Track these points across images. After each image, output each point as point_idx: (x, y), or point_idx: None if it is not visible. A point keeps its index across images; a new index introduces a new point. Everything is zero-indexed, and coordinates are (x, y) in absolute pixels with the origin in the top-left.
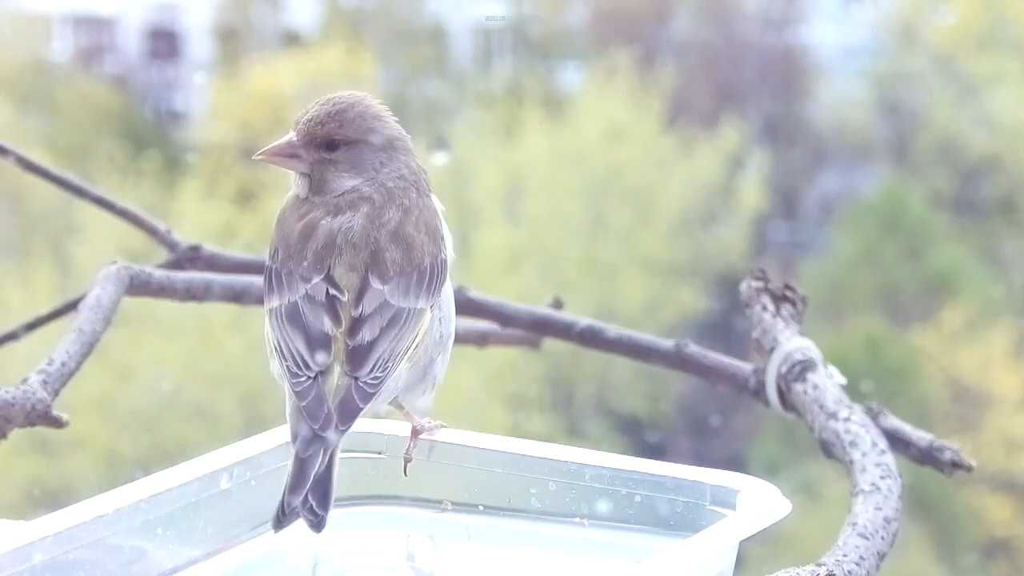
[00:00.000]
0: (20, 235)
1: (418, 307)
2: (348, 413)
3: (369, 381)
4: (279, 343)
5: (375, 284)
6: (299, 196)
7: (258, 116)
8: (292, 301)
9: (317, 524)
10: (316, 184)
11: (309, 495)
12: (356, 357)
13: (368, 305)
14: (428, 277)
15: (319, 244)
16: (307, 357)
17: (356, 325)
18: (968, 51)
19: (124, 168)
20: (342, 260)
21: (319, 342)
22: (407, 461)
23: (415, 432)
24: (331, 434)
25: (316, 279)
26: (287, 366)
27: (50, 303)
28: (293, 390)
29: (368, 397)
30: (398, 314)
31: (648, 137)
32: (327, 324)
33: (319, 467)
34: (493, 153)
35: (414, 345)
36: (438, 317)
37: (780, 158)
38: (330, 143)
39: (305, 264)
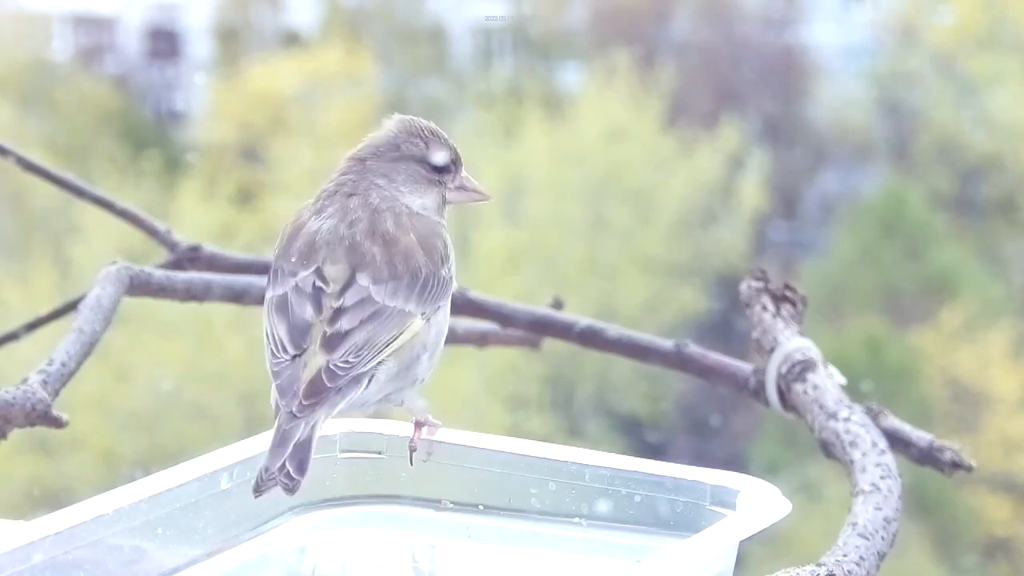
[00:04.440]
0: (20, 235)
1: (406, 309)
2: (314, 390)
3: (340, 364)
4: (266, 330)
5: (362, 281)
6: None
7: (258, 116)
8: (283, 293)
9: (291, 488)
10: None
11: (287, 462)
12: (330, 343)
13: (350, 298)
14: (423, 286)
15: (301, 242)
16: (286, 342)
17: (336, 315)
18: (968, 51)
19: (124, 168)
20: (324, 256)
21: (299, 329)
22: (412, 451)
23: (418, 424)
24: (297, 410)
25: (303, 273)
26: (270, 349)
27: (50, 303)
28: (271, 370)
29: (336, 378)
30: (381, 311)
31: (648, 137)
32: (309, 312)
33: (299, 437)
34: (493, 153)
35: (396, 342)
36: (432, 324)
37: (780, 158)
38: None
39: (293, 260)
